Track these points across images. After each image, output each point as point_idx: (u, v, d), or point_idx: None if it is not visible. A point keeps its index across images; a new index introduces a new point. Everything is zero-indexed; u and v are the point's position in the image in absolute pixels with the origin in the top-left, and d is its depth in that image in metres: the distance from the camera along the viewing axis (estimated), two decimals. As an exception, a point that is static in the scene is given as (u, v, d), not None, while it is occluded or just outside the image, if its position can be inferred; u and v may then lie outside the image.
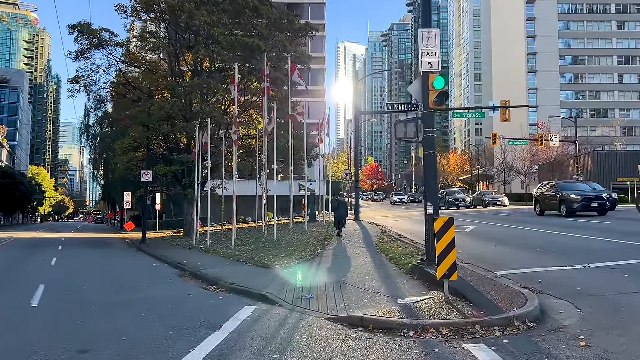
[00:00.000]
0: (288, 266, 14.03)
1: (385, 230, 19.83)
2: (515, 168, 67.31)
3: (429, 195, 10.16)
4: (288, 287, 10.65)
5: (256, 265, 15.11)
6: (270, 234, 21.93)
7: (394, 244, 15.06)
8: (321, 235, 20.07)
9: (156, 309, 8.77)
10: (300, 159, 29.74)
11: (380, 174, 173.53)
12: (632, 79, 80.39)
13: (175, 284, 12.97)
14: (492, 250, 12.71)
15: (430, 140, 10.18)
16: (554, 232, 16.88)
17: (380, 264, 12.25)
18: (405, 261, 11.34)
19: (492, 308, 6.58)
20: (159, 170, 29.75)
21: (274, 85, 29.89)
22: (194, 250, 22.02)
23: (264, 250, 18.04)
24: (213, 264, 16.58)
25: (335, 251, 15.77)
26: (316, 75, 53.17)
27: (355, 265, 12.67)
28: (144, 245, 27.27)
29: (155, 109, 26.82)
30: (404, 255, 12.31)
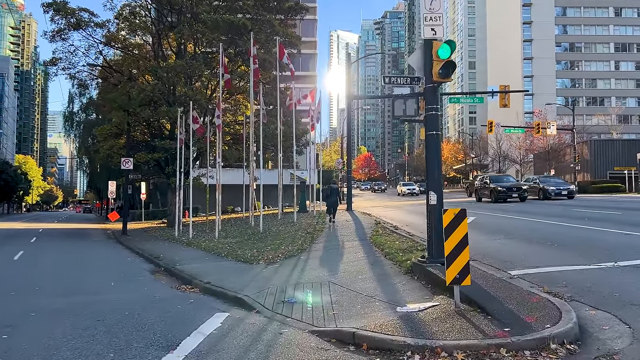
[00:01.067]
0: (272, 262, 12.68)
1: (379, 221, 18.47)
2: (510, 157, 66.16)
3: (432, 182, 8.78)
4: (269, 287, 9.28)
5: (238, 260, 13.76)
6: (257, 224, 20.53)
7: (389, 237, 13.70)
8: (310, 226, 18.70)
9: (109, 317, 7.36)
10: (290, 147, 28.25)
11: (373, 164, 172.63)
12: (629, 66, 79.16)
13: (144, 283, 11.55)
14: (500, 245, 11.39)
15: (433, 118, 8.77)
16: (560, 224, 15.59)
17: (374, 260, 10.89)
18: (403, 257, 9.99)
19: (517, 323, 5.21)
20: (140, 157, 28.22)
21: (262, 68, 28.33)
22: (174, 243, 20.61)
23: (248, 243, 16.67)
24: (192, 258, 15.21)
25: (324, 245, 14.40)
26: (307, 60, 51.48)
27: (346, 261, 11.30)
28: (124, 236, 25.80)
29: (135, 92, 25.22)
30: (401, 251, 10.96)
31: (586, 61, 79.44)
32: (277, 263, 12.45)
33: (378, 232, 15.19)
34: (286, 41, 30.57)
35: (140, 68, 26.88)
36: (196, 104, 25.70)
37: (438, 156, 8.92)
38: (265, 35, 28.82)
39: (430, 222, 8.78)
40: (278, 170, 25.27)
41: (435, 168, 8.83)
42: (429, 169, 8.86)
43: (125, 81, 26.36)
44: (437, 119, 8.84)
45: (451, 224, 6.27)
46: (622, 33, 79.09)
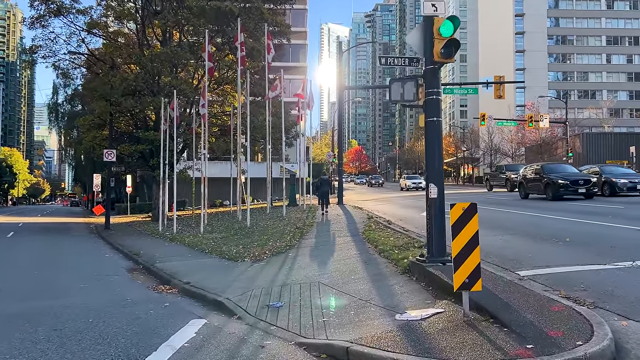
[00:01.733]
0: (258, 259, 11.85)
1: (371, 215, 17.67)
2: (502, 150, 65.65)
3: (432, 174, 7.97)
4: (253, 289, 8.44)
5: (222, 257, 12.92)
6: (245, 219, 19.65)
7: (382, 232, 12.90)
8: (300, 221, 17.86)
9: (68, 326, 6.50)
10: (279, 138, 27.34)
11: (364, 157, 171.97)
12: (621, 59, 78.82)
13: (118, 283, 10.66)
14: (503, 241, 10.62)
15: (434, 103, 7.95)
16: (564, 218, 14.88)
17: (368, 257, 10.09)
18: (400, 255, 9.18)
19: (541, 338, 4.42)
20: (124, 149, 27.20)
21: (251, 57, 27.39)
22: (157, 238, 19.70)
23: (234, 239, 15.81)
24: (173, 254, 14.34)
25: (314, 240, 13.57)
26: (297, 51, 50.40)
27: (337, 259, 10.48)
28: (106, 231, 24.82)
29: (117, 81, 24.16)
30: (397, 247, 10.16)
31: (578, 54, 78.97)
32: (263, 261, 11.62)
33: (371, 227, 14.39)
34: (275, 30, 29.63)
35: (123, 56, 25.77)
36: (181, 94, 24.75)
37: (439, 145, 8.10)
38: (254, 23, 27.85)
39: (430, 217, 7.99)
40: (267, 163, 24.44)
41: (435, 158, 8.02)
42: (429, 159, 8.05)
43: (107, 70, 25.28)
44: (438, 104, 8.02)
45: (460, 221, 5.46)
46: (614, 26, 78.68)
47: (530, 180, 24.54)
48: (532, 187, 24.31)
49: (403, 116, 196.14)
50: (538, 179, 23.56)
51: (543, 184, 22.92)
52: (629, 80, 78.49)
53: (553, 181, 22.12)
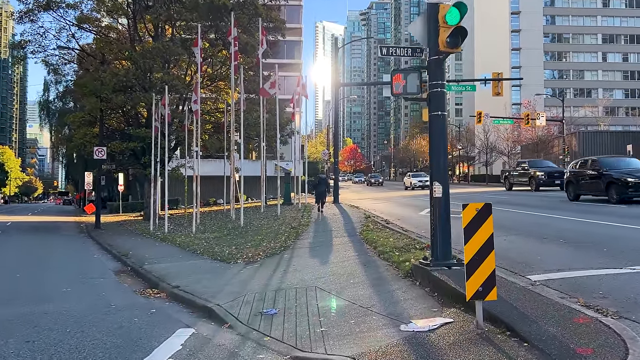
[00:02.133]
0: (252, 261, 11.33)
1: (368, 214, 17.18)
2: (497, 148, 65.34)
3: (437, 171, 7.49)
4: (246, 294, 7.93)
5: (214, 258, 12.39)
6: (238, 218, 19.10)
7: (381, 233, 12.42)
8: (295, 220, 17.35)
9: (43, 337, 5.97)
10: (274, 136, 26.82)
11: (359, 155, 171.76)
12: (616, 57, 78.64)
13: (103, 287, 10.12)
14: (507, 243, 10.15)
15: (439, 96, 7.46)
16: (568, 218, 14.45)
17: (367, 260, 9.60)
18: (401, 258, 8.69)
19: (567, 354, 3.93)
20: (115, 147, 26.59)
21: (244, 53, 26.83)
22: (148, 238, 19.14)
23: (227, 239, 15.28)
24: (164, 255, 13.80)
25: (310, 241, 13.07)
26: (292, 48, 49.80)
27: (335, 261, 9.98)
28: (96, 230, 24.22)
29: (108, 76, 23.55)
30: (397, 249, 9.67)
31: (574, 52, 78.72)
32: (257, 262, 11.10)
33: (368, 227, 13.91)
34: (270, 26, 29.09)
35: (114, 51, 25.12)
36: (173, 90, 24.18)
37: (444, 140, 7.61)
38: (248, 18, 27.27)
39: (435, 217, 7.52)
40: (261, 160, 23.92)
41: (440, 154, 7.55)
42: (433, 155, 7.56)
43: (97, 65, 24.67)
44: (443, 97, 7.53)
45: (473, 223, 4.97)
46: (610, 24, 78.48)
47: (583, 178, 20.43)
48: (586, 187, 20.36)
49: (398, 114, 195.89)
50: (595, 177, 19.54)
51: (604, 183, 18.78)
52: (624, 78, 78.38)
53: (619, 179, 18.07)
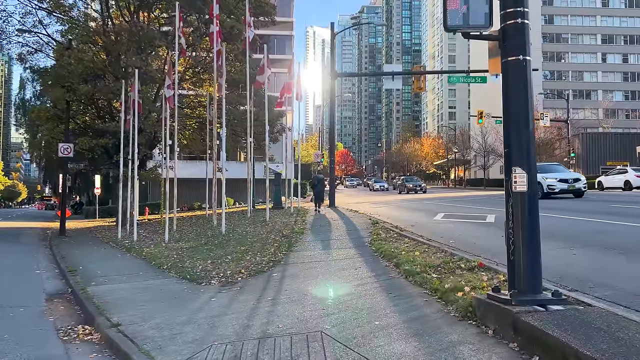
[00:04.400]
0: (230, 281, 8.51)
1: (375, 220, 14.36)
2: (496, 151, 62.82)
3: (518, 151, 4.73)
4: (212, 346, 5.07)
5: (182, 276, 9.54)
6: (221, 224, 16.20)
7: (398, 243, 9.62)
8: (287, 227, 14.48)
9: None
10: (262, 133, 23.93)
11: (350, 160, 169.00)
12: (616, 58, 76.60)
13: (18, 322, 7.21)
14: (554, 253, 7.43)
15: (519, 31, 4.74)
16: (598, 220, 11.74)
17: (390, 284, 6.79)
18: (445, 283, 5.91)
19: None
20: (84, 143, 23.57)
21: (230, 38, 24.02)
22: (112, 247, 16.20)
23: (203, 250, 12.40)
24: (121, 271, 10.93)
25: (307, 254, 10.21)
26: (283, 42, 47.10)
27: (345, 285, 7.14)
28: (60, 238, 21.17)
29: (74, 62, 20.59)
30: (432, 268, 6.90)
31: (572, 53, 76.62)
32: (236, 285, 8.26)
33: (379, 235, 11.10)
34: (258, 10, 26.32)
35: (80, 34, 22.07)
36: (149, 79, 21.32)
37: (526, 101, 4.83)
38: (235, 1, 24.56)
39: (514, 223, 4.73)
40: (247, 156, 21.13)
41: (521, 124, 4.79)
42: (512, 125, 4.79)
43: (61, 51, 21.72)
44: (524, 32, 4.76)
45: None
46: (609, 24, 76.46)
47: None
48: None
49: (390, 118, 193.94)
50: None
51: None
52: (624, 80, 76.43)
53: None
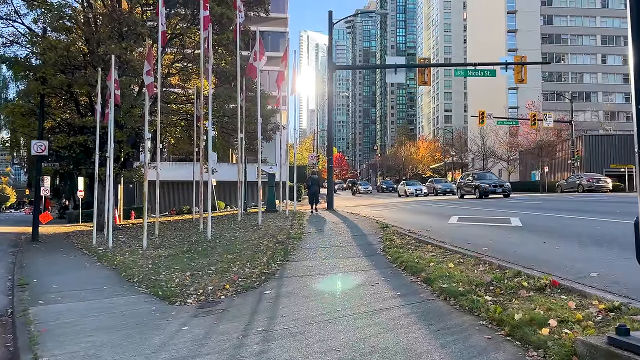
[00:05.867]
0: (211, 300, 6.71)
1: (383, 224, 12.50)
2: (496, 154, 61.27)
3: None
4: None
5: (153, 292, 7.72)
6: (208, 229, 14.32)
7: (420, 252, 7.81)
8: (282, 232, 12.61)
9: None
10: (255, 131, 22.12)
11: (345, 164, 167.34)
12: (616, 60, 75.28)
13: None
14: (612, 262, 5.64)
15: None
16: None
17: (424, 308, 4.96)
18: (515, 314, 4.09)
19: None
20: (60, 141, 21.62)
21: (220, 27, 22.23)
22: (83, 255, 14.32)
23: (184, 259, 10.54)
24: (81, 285, 9.08)
25: (308, 264, 8.35)
26: (277, 39, 45.31)
27: (360, 309, 5.29)
28: (32, 244, 19.21)
29: (49, 51, 18.67)
30: (481, 287, 5.10)
31: (572, 54, 75.28)
32: (218, 305, 6.44)
33: (393, 241, 9.29)
34: (251, 0, 24.57)
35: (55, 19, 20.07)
36: (129, 68, 19.44)
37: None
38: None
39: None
40: (239, 157, 19.30)
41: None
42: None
43: (33, 39, 19.78)
44: None
45: None
46: (609, 25, 75.20)
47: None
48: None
49: (384, 122, 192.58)
50: None
51: None
52: (625, 82, 75.11)
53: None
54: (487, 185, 27.79)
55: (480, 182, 28.31)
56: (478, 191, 27.80)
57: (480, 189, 27.65)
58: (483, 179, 29.45)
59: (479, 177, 29.92)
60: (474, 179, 29.57)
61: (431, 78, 25.25)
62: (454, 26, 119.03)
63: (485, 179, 29.49)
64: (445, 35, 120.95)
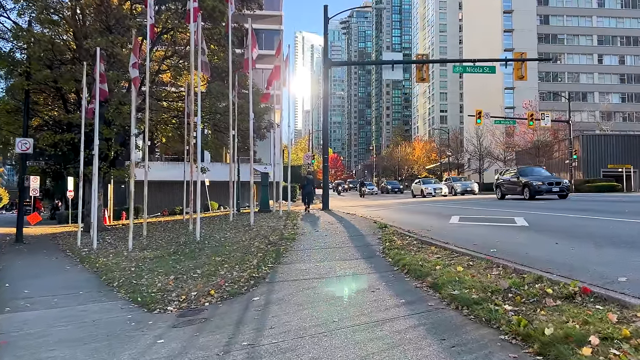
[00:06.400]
0: (193, 308, 6.05)
1: (381, 224, 11.87)
2: (493, 154, 60.79)
3: None
4: None
5: (132, 298, 7.07)
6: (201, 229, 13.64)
7: (424, 254, 7.18)
8: (275, 232, 11.95)
9: None
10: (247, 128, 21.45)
11: (340, 165, 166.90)
12: (612, 60, 74.96)
13: None
14: None
15: None
16: None
17: (434, 318, 4.32)
18: (545, 328, 3.46)
19: None
20: (46, 139, 20.91)
21: (211, 21, 21.55)
22: (66, 257, 13.64)
23: (170, 261, 9.87)
24: (54, 291, 8.41)
25: (300, 267, 7.69)
26: (271, 37, 44.55)
27: (359, 319, 4.65)
28: (15, 245, 18.51)
29: (32, 44, 17.95)
30: (498, 294, 4.46)
31: (568, 54, 74.92)
32: (201, 313, 5.79)
33: (393, 242, 8.65)
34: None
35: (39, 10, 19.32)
36: (116, 62, 18.75)
37: None
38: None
39: None
40: (231, 155, 18.65)
41: None
42: None
43: (16, 32, 19.02)
44: None
45: None
46: (606, 25, 74.90)
47: None
48: None
49: (380, 123, 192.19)
50: None
51: None
52: (621, 82, 74.80)
53: None
54: (540, 183, 22.44)
55: (529, 179, 23.05)
56: (528, 190, 22.61)
57: (532, 187, 22.42)
58: (531, 174, 24.23)
59: (525, 173, 24.63)
60: (520, 176, 24.27)
61: (429, 76, 24.59)
62: (449, 26, 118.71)
63: (534, 174, 24.36)
64: (440, 35, 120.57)
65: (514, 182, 24.48)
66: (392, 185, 57.50)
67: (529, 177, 23.49)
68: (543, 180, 22.79)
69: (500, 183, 26.11)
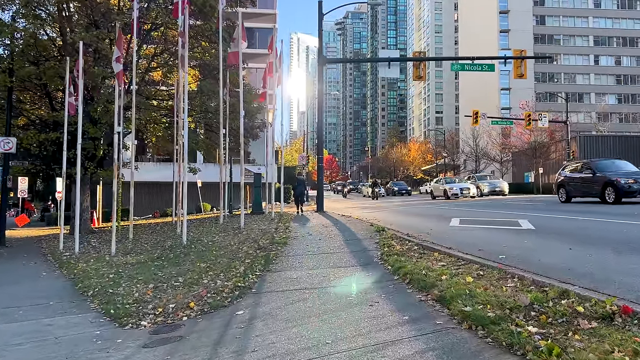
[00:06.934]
0: (169, 323, 5.39)
1: (378, 227, 11.23)
2: (489, 155, 60.28)
3: None
4: None
5: (104, 311, 6.40)
6: (189, 232, 12.97)
7: (426, 261, 6.54)
8: (266, 236, 11.28)
9: None
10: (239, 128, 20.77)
11: (335, 166, 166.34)
12: (609, 60, 74.75)
13: None
14: None
15: None
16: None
17: (443, 341, 3.66)
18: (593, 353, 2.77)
19: None
20: (30, 138, 20.14)
21: (202, 16, 20.88)
22: (44, 262, 12.93)
23: (152, 267, 9.19)
24: (20, 301, 7.74)
25: (291, 275, 7.02)
26: (265, 36, 43.84)
27: (357, 342, 3.98)
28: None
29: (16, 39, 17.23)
30: (519, 312, 3.80)
31: (565, 54, 74.62)
32: (177, 330, 5.12)
33: (392, 247, 8.00)
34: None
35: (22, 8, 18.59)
36: (102, 57, 18.05)
37: None
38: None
39: None
40: (221, 155, 17.97)
41: None
42: None
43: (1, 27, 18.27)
44: None
45: None
46: (602, 26, 74.65)
47: None
48: None
49: (375, 124, 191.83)
50: None
51: None
52: (617, 83, 74.55)
53: None
54: (631, 181, 16.58)
55: (612, 175, 17.33)
56: (614, 191, 16.81)
57: (618, 187, 16.67)
58: (608, 170, 18.17)
59: (602, 168, 18.51)
60: (595, 171, 18.36)
61: (426, 75, 24.05)
62: (445, 27, 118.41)
63: (612, 170, 18.20)
64: (436, 36, 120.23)
65: (586, 180, 18.76)
66: (399, 187, 52.20)
67: (611, 173, 17.73)
68: (635, 178, 16.76)
69: (563, 181, 20.45)
